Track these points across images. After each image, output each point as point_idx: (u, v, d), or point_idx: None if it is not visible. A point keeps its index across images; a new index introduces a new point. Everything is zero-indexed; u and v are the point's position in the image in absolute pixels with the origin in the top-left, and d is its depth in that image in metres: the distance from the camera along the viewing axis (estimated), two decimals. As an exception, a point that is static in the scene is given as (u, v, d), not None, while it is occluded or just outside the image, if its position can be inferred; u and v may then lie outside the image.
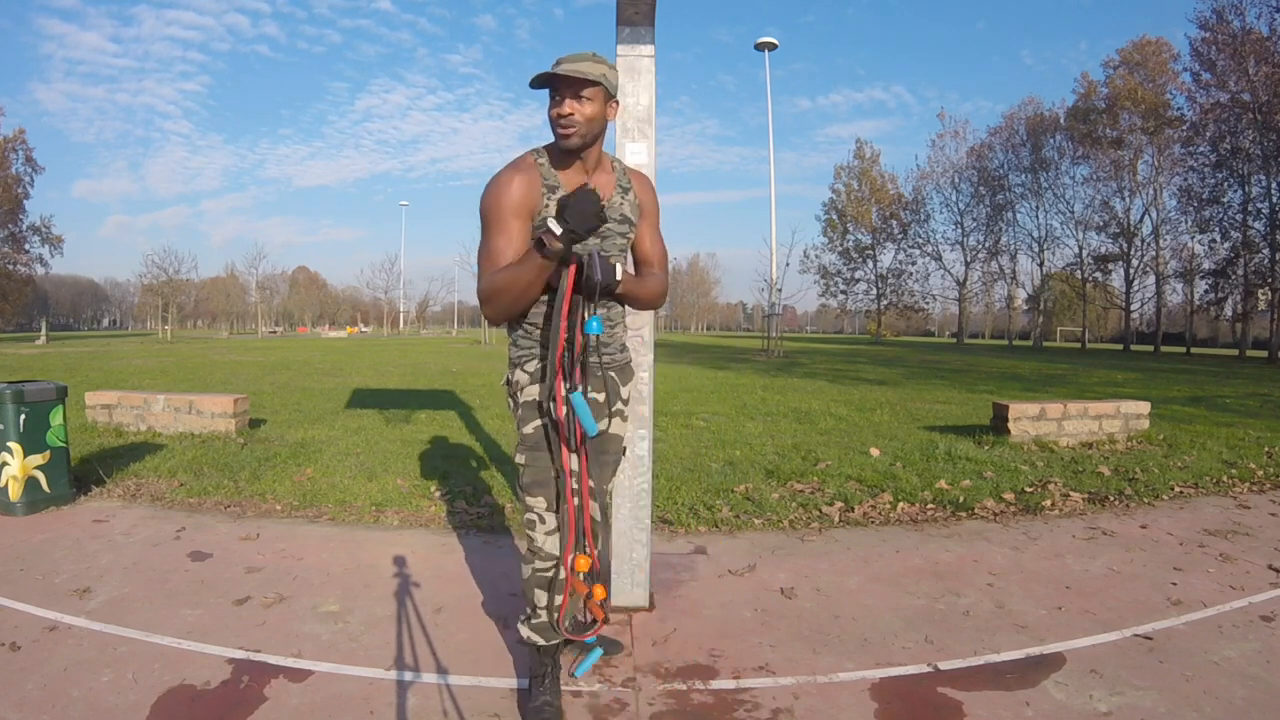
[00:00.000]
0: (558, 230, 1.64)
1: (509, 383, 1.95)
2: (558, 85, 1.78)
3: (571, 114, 1.77)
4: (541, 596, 1.94)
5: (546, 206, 1.81)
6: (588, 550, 1.87)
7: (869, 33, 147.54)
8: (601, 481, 2.00)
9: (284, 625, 2.47)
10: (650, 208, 2.03)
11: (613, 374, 2.00)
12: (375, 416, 6.98)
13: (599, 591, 1.85)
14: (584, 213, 1.63)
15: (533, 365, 1.88)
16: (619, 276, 1.77)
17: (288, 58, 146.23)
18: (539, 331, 1.88)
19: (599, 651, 2.00)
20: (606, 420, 1.99)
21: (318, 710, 1.95)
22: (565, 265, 1.72)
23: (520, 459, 1.90)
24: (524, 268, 1.72)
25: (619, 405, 2.03)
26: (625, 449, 2.17)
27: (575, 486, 1.84)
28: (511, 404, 1.95)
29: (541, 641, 1.97)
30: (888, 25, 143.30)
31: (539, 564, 1.92)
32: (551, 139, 1.85)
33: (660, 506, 3.79)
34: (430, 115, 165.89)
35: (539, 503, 1.88)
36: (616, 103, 1.86)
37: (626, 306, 2.03)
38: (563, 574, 1.89)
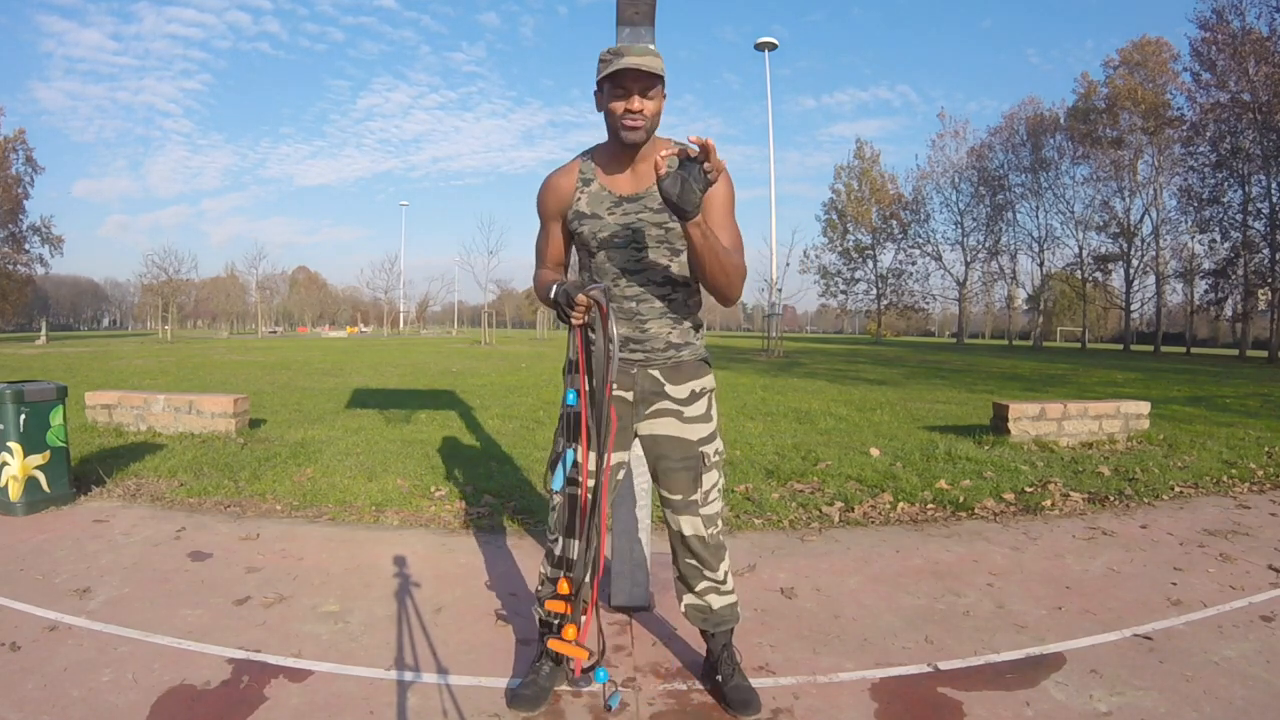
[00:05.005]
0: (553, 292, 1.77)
1: None
2: (625, 79, 1.74)
3: (642, 110, 1.77)
4: (546, 567, 2.03)
5: (578, 200, 1.90)
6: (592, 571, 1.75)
7: (875, 31, 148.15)
8: (682, 491, 1.96)
9: (284, 625, 2.47)
10: (716, 197, 1.88)
11: (654, 372, 1.93)
12: (375, 416, 6.98)
13: (567, 633, 1.70)
14: (566, 295, 1.70)
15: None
16: (687, 200, 1.61)
17: (289, 56, 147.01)
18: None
19: (603, 673, 1.77)
20: (645, 422, 1.95)
21: (318, 710, 1.95)
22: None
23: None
24: (543, 290, 1.85)
25: (665, 404, 1.93)
26: (716, 455, 2.01)
27: (590, 485, 1.74)
28: None
29: (539, 613, 2.05)
30: (893, 24, 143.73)
31: (549, 534, 2.01)
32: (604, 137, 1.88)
33: (660, 506, 3.78)
34: (432, 114, 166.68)
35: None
36: (665, 94, 1.86)
37: (672, 297, 1.92)
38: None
